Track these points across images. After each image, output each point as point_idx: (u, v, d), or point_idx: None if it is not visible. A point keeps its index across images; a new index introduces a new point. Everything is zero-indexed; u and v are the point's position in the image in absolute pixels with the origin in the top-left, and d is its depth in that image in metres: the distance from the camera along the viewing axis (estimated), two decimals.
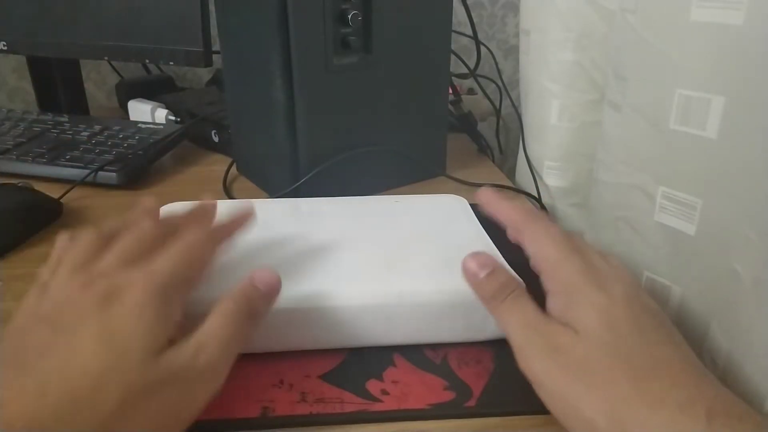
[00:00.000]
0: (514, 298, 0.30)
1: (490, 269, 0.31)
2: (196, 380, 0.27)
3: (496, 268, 0.32)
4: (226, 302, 0.29)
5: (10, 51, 0.77)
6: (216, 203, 0.37)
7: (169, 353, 0.26)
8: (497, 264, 0.32)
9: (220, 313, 0.29)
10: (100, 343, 0.25)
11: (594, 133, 0.50)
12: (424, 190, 0.60)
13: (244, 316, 0.29)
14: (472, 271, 0.32)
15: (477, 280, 0.32)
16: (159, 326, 0.26)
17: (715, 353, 0.33)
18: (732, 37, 0.31)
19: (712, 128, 0.33)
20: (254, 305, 0.30)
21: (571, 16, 0.53)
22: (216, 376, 0.27)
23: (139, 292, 0.27)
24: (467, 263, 0.32)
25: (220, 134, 0.70)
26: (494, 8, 1.02)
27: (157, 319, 0.27)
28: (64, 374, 0.24)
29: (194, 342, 0.27)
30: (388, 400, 0.31)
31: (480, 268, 0.32)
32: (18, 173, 0.61)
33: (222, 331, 0.28)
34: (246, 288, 0.30)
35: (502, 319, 0.30)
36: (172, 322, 0.27)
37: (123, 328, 0.26)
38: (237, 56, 0.56)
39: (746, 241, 0.31)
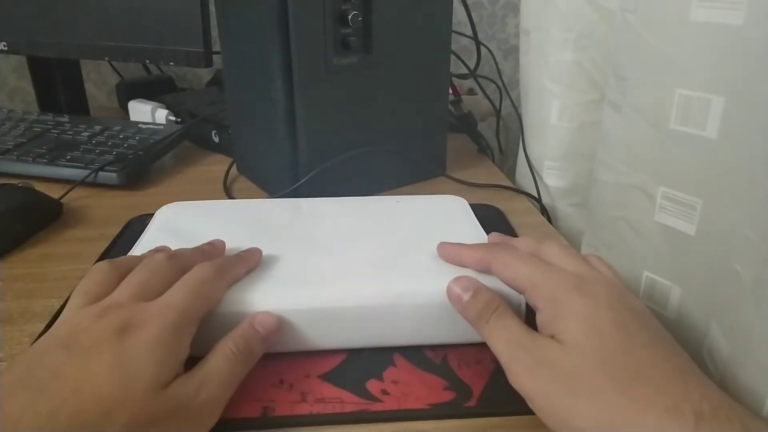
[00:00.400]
0: (497, 317, 0.31)
1: (473, 291, 0.32)
2: (196, 415, 0.28)
3: (478, 289, 0.33)
4: (227, 343, 0.30)
5: (10, 51, 0.77)
6: (223, 243, 0.38)
7: (174, 386, 0.27)
8: (479, 285, 0.33)
9: (221, 353, 0.30)
10: (112, 372, 0.26)
11: (594, 133, 0.50)
12: (424, 190, 0.60)
13: (242, 357, 0.30)
14: (456, 295, 0.33)
15: (462, 303, 0.32)
16: (169, 360, 0.28)
17: (715, 353, 0.33)
18: (732, 37, 0.31)
19: (712, 128, 0.33)
20: (252, 347, 0.31)
21: (571, 16, 0.53)
22: (213, 412, 0.29)
23: (155, 326, 0.28)
24: (451, 288, 0.33)
25: (220, 134, 0.70)
26: (494, 8, 1.02)
27: (168, 353, 0.28)
28: (75, 398, 0.25)
29: (197, 378, 0.28)
30: (388, 400, 0.31)
31: (463, 291, 0.33)
32: (18, 173, 0.61)
33: (222, 371, 0.29)
34: (246, 330, 0.32)
35: (488, 339, 0.31)
36: (182, 357, 0.29)
37: (135, 359, 0.27)
38: (237, 56, 0.56)
39: (746, 241, 0.31)
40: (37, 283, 0.43)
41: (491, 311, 0.31)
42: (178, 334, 0.29)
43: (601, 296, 0.29)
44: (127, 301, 0.30)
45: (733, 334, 0.31)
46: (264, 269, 0.36)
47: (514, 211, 0.55)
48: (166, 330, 0.28)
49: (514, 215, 0.54)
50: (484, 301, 0.32)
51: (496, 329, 0.30)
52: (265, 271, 0.36)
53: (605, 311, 0.28)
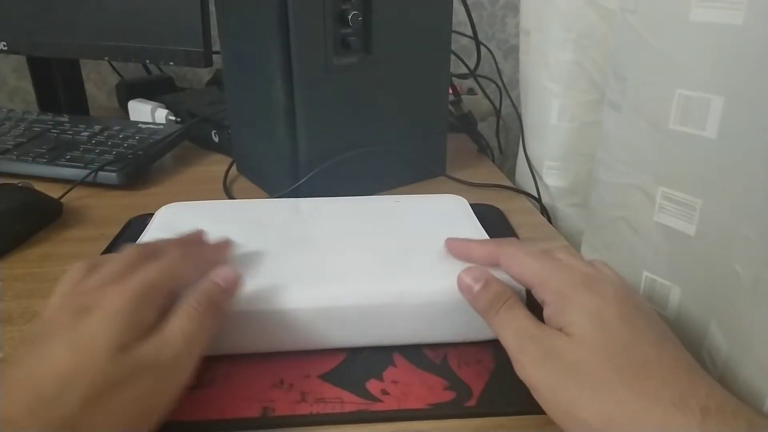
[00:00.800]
0: (507, 308, 0.31)
1: (484, 282, 0.33)
2: (162, 373, 0.27)
3: (489, 280, 0.33)
4: (188, 301, 0.30)
5: (10, 51, 0.77)
6: (201, 232, 0.38)
7: (134, 350, 0.27)
8: (490, 276, 0.33)
9: (182, 311, 0.30)
10: (67, 349, 0.26)
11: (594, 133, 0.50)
12: (424, 190, 0.60)
13: (205, 311, 0.30)
14: (466, 285, 0.33)
15: (472, 293, 0.33)
16: (127, 327, 0.27)
17: (715, 353, 0.33)
18: (732, 37, 0.31)
19: (711, 128, 0.33)
20: (215, 300, 0.31)
21: (571, 16, 0.53)
22: (181, 369, 0.28)
23: (114, 302, 0.28)
24: (462, 278, 0.33)
25: (220, 134, 0.70)
26: (494, 8, 1.02)
27: (127, 321, 0.28)
28: (32, 380, 0.25)
29: (158, 338, 0.28)
30: (388, 400, 0.31)
31: (474, 281, 0.33)
32: (18, 173, 0.61)
33: (185, 327, 0.29)
34: (206, 285, 0.31)
35: (497, 329, 0.31)
36: (144, 324, 0.28)
37: (91, 331, 0.27)
38: (237, 56, 0.56)
39: (746, 241, 0.31)
40: (37, 283, 0.43)
41: (501, 302, 0.31)
42: (139, 303, 0.28)
43: (608, 293, 0.29)
44: (91, 289, 0.30)
45: (733, 334, 0.31)
46: (264, 269, 0.36)
47: (514, 211, 0.55)
48: (126, 301, 0.28)
49: (514, 215, 0.54)
50: (494, 292, 0.32)
51: (505, 320, 0.31)
52: (264, 271, 0.36)
53: (613, 307, 0.28)
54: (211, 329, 0.31)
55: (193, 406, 0.31)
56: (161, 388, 0.28)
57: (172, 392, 0.28)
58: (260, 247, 0.39)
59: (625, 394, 0.25)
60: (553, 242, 0.51)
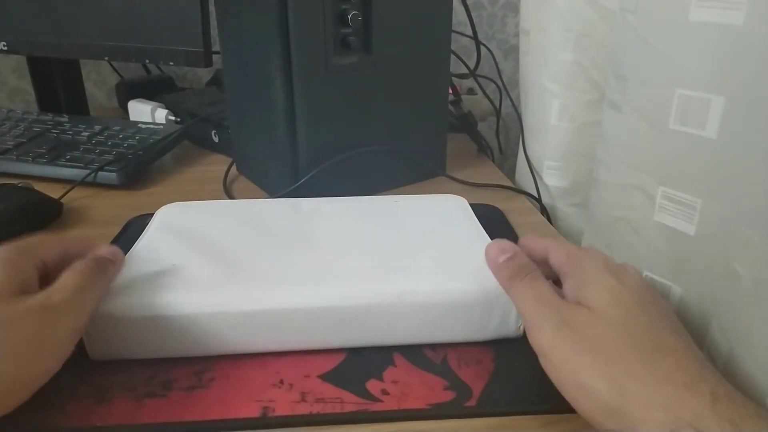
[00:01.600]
0: (531, 279, 0.32)
1: (511, 253, 0.34)
2: (52, 315, 0.29)
3: (517, 252, 0.34)
4: (76, 263, 0.32)
5: (10, 51, 0.77)
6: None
7: (22, 297, 0.29)
8: (518, 250, 0.34)
9: (71, 269, 0.32)
10: None
11: (594, 133, 0.50)
12: (424, 190, 0.60)
13: (93, 269, 0.32)
14: (493, 255, 0.34)
15: (497, 263, 0.33)
16: (8, 277, 0.29)
17: (715, 353, 0.33)
18: (732, 37, 0.31)
19: (711, 128, 0.33)
20: (101, 262, 0.33)
21: (571, 16, 0.53)
22: (72, 312, 0.30)
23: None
24: (489, 249, 0.34)
25: (220, 134, 0.70)
26: (494, 8, 1.02)
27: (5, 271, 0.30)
28: None
29: (48, 289, 0.30)
30: (388, 400, 0.31)
31: (501, 252, 0.34)
32: (18, 173, 0.61)
33: (74, 279, 0.31)
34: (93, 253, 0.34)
35: (517, 295, 0.32)
36: (25, 275, 0.30)
37: None
38: (237, 56, 0.56)
39: (746, 241, 0.31)
40: None
41: (525, 273, 0.32)
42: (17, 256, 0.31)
43: (629, 282, 0.30)
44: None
45: (734, 334, 0.31)
46: (263, 269, 0.36)
47: (514, 211, 0.55)
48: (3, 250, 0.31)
49: (514, 215, 0.54)
50: (519, 264, 0.33)
51: (527, 288, 0.31)
52: (264, 271, 0.36)
53: (633, 294, 0.29)
54: (100, 288, 0.32)
55: (193, 406, 0.31)
56: (52, 327, 0.29)
57: (64, 333, 0.30)
58: (260, 247, 0.39)
59: (638, 369, 0.26)
60: None
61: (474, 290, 0.34)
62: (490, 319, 0.34)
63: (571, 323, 0.28)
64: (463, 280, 0.35)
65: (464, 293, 0.34)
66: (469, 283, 0.34)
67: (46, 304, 0.29)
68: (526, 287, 0.31)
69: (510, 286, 0.32)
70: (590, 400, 0.26)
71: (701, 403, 0.24)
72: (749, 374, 0.30)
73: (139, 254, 0.37)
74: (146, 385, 0.32)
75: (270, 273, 0.36)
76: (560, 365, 0.28)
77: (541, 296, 0.30)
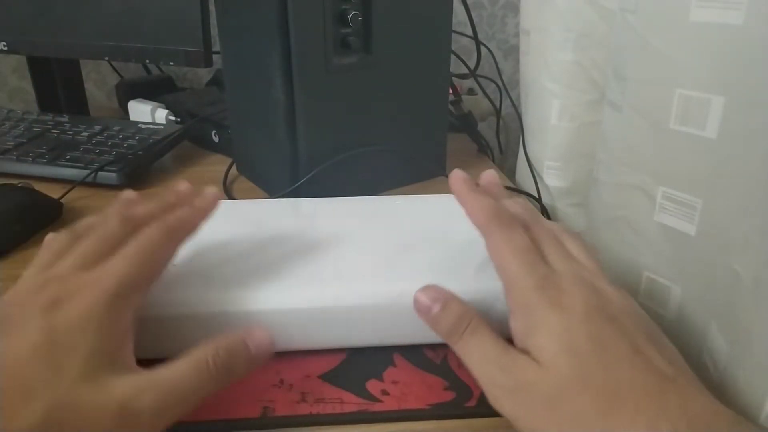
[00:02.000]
0: (471, 332, 0.29)
1: (443, 302, 0.30)
2: (132, 422, 0.24)
3: (448, 300, 0.30)
4: (206, 351, 0.27)
5: (10, 51, 0.77)
6: (189, 187, 0.35)
7: (115, 379, 0.24)
8: (449, 296, 0.31)
9: (195, 360, 0.27)
10: (36, 353, 0.24)
11: (594, 133, 0.50)
12: (424, 190, 0.60)
13: (217, 373, 0.27)
14: (424, 306, 0.31)
15: (431, 315, 0.30)
16: (102, 341, 0.25)
17: (715, 353, 0.33)
18: (732, 37, 0.31)
19: (711, 128, 0.33)
20: (234, 364, 0.28)
21: (571, 16, 0.53)
22: (156, 426, 0.25)
23: (86, 298, 0.26)
24: (418, 298, 0.31)
25: (220, 134, 0.70)
26: (494, 8, 1.02)
27: (101, 332, 0.25)
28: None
29: (152, 380, 0.25)
30: (388, 400, 0.31)
31: (432, 302, 0.30)
32: (18, 173, 0.61)
33: (186, 381, 0.26)
34: (233, 343, 0.28)
35: (463, 356, 0.29)
36: (120, 333, 0.26)
37: (63, 338, 0.25)
38: (237, 56, 0.56)
39: (746, 241, 0.31)
40: None
41: (464, 325, 0.29)
42: (114, 306, 0.26)
43: (576, 306, 0.28)
44: (66, 273, 0.28)
45: (733, 334, 0.31)
46: (264, 269, 0.36)
47: None
48: (100, 302, 0.26)
49: None
50: (456, 315, 0.30)
51: (470, 347, 0.29)
52: (264, 271, 0.36)
53: (581, 325, 0.27)
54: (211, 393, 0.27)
55: None
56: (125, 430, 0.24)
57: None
58: (260, 247, 0.38)
59: (602, 426, 0.25)
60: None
61: (474, 290, 0.34)
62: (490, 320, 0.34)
63: (526, 386, 0.26)
64: (463, 281, 0.35)
65: (464, 293, 0.34)
66: (469, 284, 0.34)
67: (132, 407, 0.24)
68: (469, 346, 0.29)
69: (452, 343, 0.30)
70: None
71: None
72: (749, 374, 0.30)
73: None
74: None
75: (269, 273, 0.36)
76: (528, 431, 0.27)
77: (487, 356, 0.28)
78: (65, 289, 0.26)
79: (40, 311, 0.25)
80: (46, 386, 0.23)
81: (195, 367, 0.26)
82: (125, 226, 0.30)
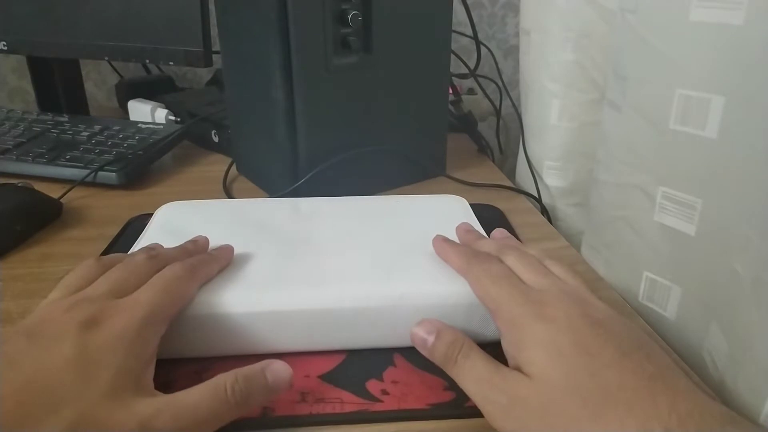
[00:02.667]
0: (464, 357, 0.30)
1: (435, 333, 0.32)
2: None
3: (440, 330, 0.32)
4: (226, 379, 0.28)
5: (10, 51, 0.77)
6: (206, 240, 0.39)
7: (137, 400, 0.25)
8: (441, 326, 0.32)
9: (214, 387, 0.27)
10: (68, 366, 0.25)
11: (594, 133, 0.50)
12: (424, 190, 0.60)
13: (235, 400, 0.27)
14: (421, 340, 0.32)
15: (427, 347, 0.32)
16: (131, 361, 0.27)
17: (715, 353, 0.33)
18: (732, 37, 0.31)
19: (712, 128, 0.33)
20: (252, 393, 0.28)
21: (571, 16, 0.53)
22: None
23: (119, 322, 0.28)
24: (415, 333, 0.33)
25: (220, 134, 0.70)
26: (494, 8, 1.02)
27: (131, 353, 0.27)
28: (26, 387, 0.24)
29: (172, 404, 0.26)
30: (388, 400, 0.31)
31: (427, 334, 0.32)
32: (18, 173, 0.61)
33: (204, 407, 0.27)
34: (253, 373, 0.29)
35: (459, 380, 0.30)
36: (146, 358, 0.28)
37: (95, 355, 0.26)
38: (237, 56, 0.56)
39: (746, 241, 0.31)
40: (37, 283, 0.43)
41: (457, 351, 0.31)
42: (143, 331, 0.28)
43: (560, 317, 0.29)
44: (98, 297, 0.30)
45: (733, 334, 0.31)
46: (263, 270, 0.36)
47: (514, 211, 0.55)
48: (132, 326, 0.28)
49: (514, 215, 0.54)
50: (448, 342, 0.31)
51: (464, 370, 0.30)
52: (264, 272, 0.36)
53: (566, 334, 0.28)
54: (229, 420, 0.27)
55: None
56: None
57: None
58: (260, 248, 0.38)
59: (594, 430, 0.25)
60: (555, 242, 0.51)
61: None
62: (490, 321, 0.34)
63: (519, 401, 0.27)
64: (462, 281, 0.35)
65: (464, 295, 0.34)
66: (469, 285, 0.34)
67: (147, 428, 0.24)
68: (463, 370, 0.30)
69: (449, 370, 0.31)
70: None
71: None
72: (750, 374, 0.30)
73: None
74: None
75: (269, 274, 0.36)
76: None
77: (481, 378, 0.29)
78: (100, 311, 0.28)
79: (76, 328, 0.27)
80: (75, 398, 0.24)
81: (213, 392, 0.27)
82: (151, 262, 0.34)
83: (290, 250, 0.38)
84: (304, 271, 0.36)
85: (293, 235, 0.41)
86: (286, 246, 0.39)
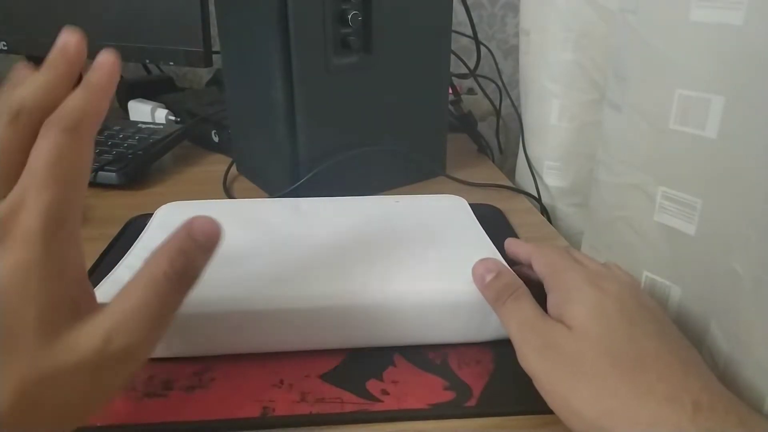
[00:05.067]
0: (514, 299, 0.32)
1: (495, 272, 0.33)
2: (110, 367, 0.22)
3: (501, 271, 0.34)
4: (160, 263, 0.23)
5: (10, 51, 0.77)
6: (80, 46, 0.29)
7: (71, 336, 0.21)
8: (503, 268, 0.34)
9: (151, 278, 0.23)
10: None
11: (594, 133, 0.50)
12: (424, 190, 0.60)
13: (179, 280, 0.23)
14: (479, 275, 0.34)
15: (483, 283, 0.33)
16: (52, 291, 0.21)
17: (715, 353, 0.33)
18: (732, 37, 0.31)
19: (711, 128, 0.33)
20: (191, 264, 0.24)
21: (571, 16, 0.53)
22: (136, 360, 0.23)
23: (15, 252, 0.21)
24: (476, 268, 0.34)
25: (220, 134, 0.70)
26: (494, 8, 1.02)
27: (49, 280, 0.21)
28: None
29: (107, 323, 0.22)
30: (388, 400, 0.31)
31: (486, 271, 0.34)
32: None
33: (147, 308, 0.22)
34: (184, 242, 0.24)
35: (503, 319, 0.32)
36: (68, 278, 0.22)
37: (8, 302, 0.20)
38: (237, 56, 0.56)
39: (746, 241, 0.31)
40: None
41: (509, 293, 0.32)
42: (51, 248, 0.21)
43: (611, 289, 0.30)
44: None
45: (734, 334, 0.31)
46: (263, 269, 0.36)
47: (514, 211, 0.55)
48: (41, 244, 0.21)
49: (514, 215, 0.54)
50: (504, 283, 0.33)
51: (511, 310, 0.31)
52: (264, 271, 0.36)
53: (614, 302, 0.29)
54: (181, 303, 0.23)
55: (193, 406, 0.31)
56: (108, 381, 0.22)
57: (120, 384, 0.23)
58: (260, 247, 0.39)
59: (620, 387, 0.26)
60: (555, 242, 0.51)
61: (474, 291, 0.34)
62: (490, 320, 0.34)
63: (553, 345, 0.28)
64: (463, 281, 0.35)
65: (464, 294, 0.34)
66: (469, 284, 0.34)
67: (101, 353, 0.21)
68: (510, 310, 0.32)
69: (497, 308, 0.33)
70: (579, 421, 0.27)
71: (682, 416, 0.24)
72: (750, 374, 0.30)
73: (138, 254, 0.37)
74: (146, 385, 0.32)
75: (269, 273, 0.36)
76: (548, 388, 0.28)
77: (524, 320, 0.31)
78: None
79: None
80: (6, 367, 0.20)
81: (155, 286, 0.23)
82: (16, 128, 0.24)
83: (290, 250, 0.38)
84: (304, 271, 0.36)
85: (293, 235, 0.41)
86: (286, 246, 0.39)
